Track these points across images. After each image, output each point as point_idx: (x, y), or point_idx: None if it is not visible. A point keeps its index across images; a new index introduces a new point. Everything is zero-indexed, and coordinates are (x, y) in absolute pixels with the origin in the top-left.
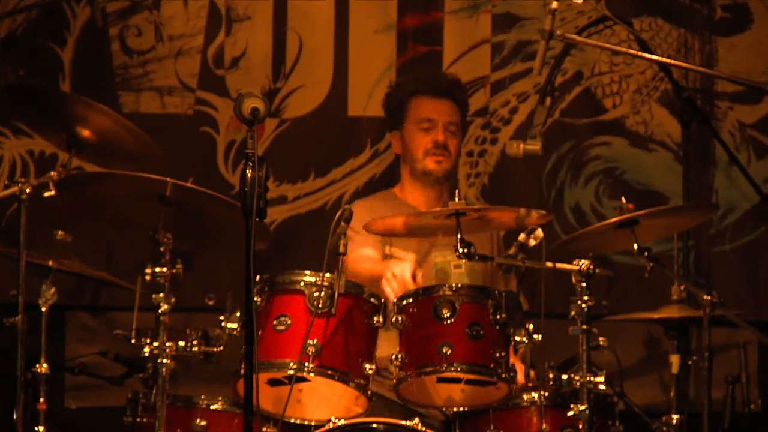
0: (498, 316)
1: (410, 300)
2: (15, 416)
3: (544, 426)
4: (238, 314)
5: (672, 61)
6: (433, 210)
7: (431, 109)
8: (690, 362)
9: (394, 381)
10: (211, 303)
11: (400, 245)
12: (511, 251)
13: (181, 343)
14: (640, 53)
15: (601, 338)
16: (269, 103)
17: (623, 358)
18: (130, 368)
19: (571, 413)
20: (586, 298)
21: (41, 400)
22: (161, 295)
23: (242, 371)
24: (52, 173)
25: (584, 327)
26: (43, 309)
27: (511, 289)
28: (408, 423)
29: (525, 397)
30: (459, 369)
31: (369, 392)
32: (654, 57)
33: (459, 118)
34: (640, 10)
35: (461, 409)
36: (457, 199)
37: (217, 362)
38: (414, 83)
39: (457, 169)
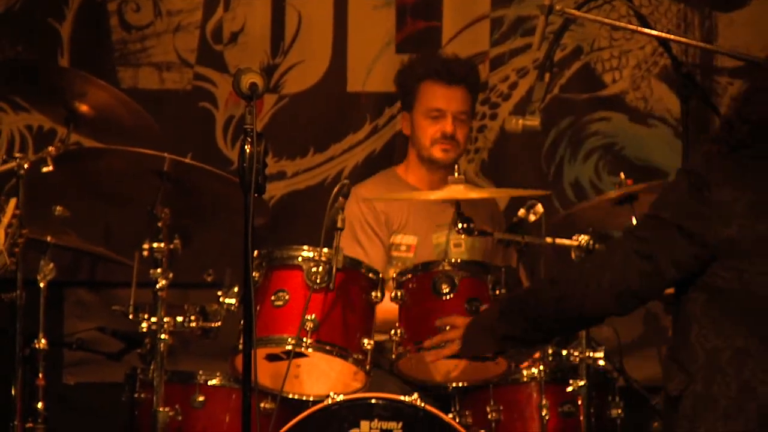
0: (497, 292)
1: (409, 275)
2: (13, 392)
3: (543, 401)
4: (236, 289)
5: (671, 36)
6: (431, 193)
7: (442, 97)
8: None
9: (393, 356)
10: (209, 279)
11: (402, 230)
12: (514, 220)
13: (179, 319)
14: (639, 28)
15: None
16: (268, 78)
17: (623, 333)
18: (129, 344)
19: (570, 389)
20: None
21: (40, 375)
22: (159, 270)
23: (240, 347)
24: (51, 148)
25: None
26: (42, 284)
27: (511, 265)
28: (407, 398)
29: (524, 372)
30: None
31: (367, 367)
32: (653, 32)
33: (470, 106)
34: None
35: (460, 384)
36: (456, 175)
37: (215, 338)
38: (426, 67)
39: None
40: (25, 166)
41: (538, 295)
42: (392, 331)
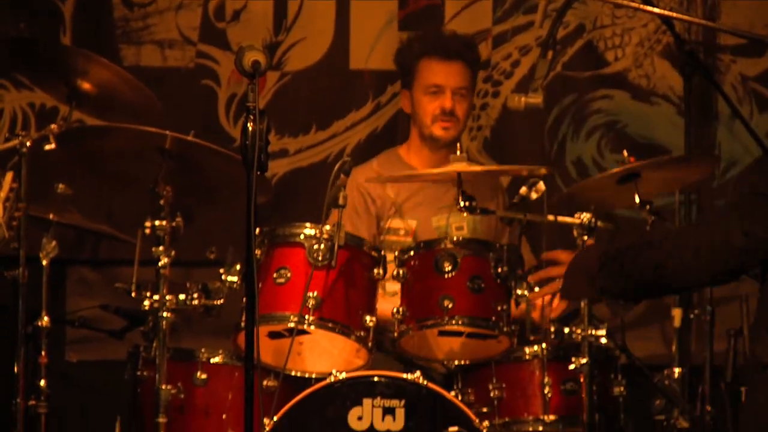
0: (499, 270)
1: (412, 253)
2: (16, 369)
3: (545, 379)
4: (238, 267)
5: (674, 14)
6: (433, 171)
7: (440, 73)
8: (692, 316)
9: (395, 335)
10: (211, 256)
11: (399, 215)
12: (515, 200)
13: (182, 297)
14: (642, 6)
15: None
16: (270, 56)
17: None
18: (131, 322)
19: (572, 366)
20: None
21: (42, 353)
22: (161, 248)
23: (243, 324)
24: (53, 126)
25: None
26: (44, 262)
27: (513, 243)
28: (409, 376)
29: (527, 350)
30: (460, 322)
31: (370, 344)
32: (656, 10)
33: (469, 81)
34: None
35: (462, 362)
36: (458, 153)
37: (217, 315)
38: (424, 44)
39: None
40: (28, 144)
41: (637, 258)
42: (394, 309)
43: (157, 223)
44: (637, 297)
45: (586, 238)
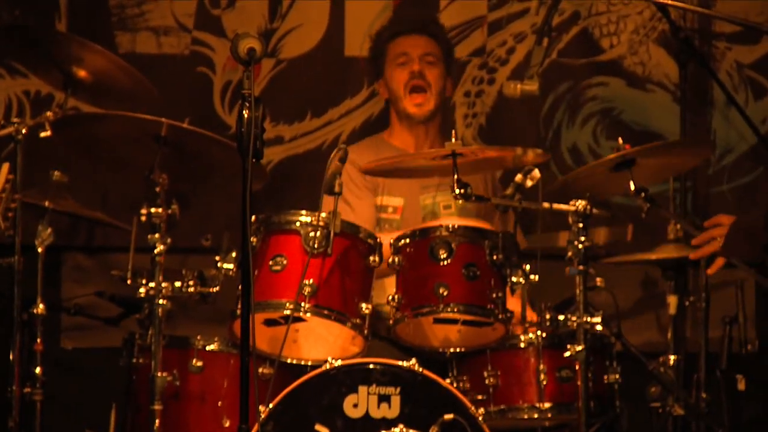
0: (495, 257)
1: (407, 240)
2: (11, 357)
3: (541, 366)
4: (234, 254)
5: (669, 1)
6: (429, 151)
7: (406, 44)
8: (687, 303)
9: (390, 322)
10: (207, 244)
11: (387, 192)
12: (508, 191)
13: (177, 284)
14: None
15: (598, 279)
16: (266, 43)
17: (620, 299)
18: (127, 309)
19: (568, 354)
20: (582, 239)
21: (38, 340)
22: (157, 235)
23: (238, 311)
24: (48, 113)
25: (581, 268)
26: (40, 249)
27: (508, 230)
28: (405, 363)
29: (522, 337)
30: (455, 310)
31: (365, 332)
32: None
33: (438, 51)
34: None
35: (458, 349)
36: (453, 140)
37: (213, 303)
38: (389, 28)
39: (453, 108)
40: (23, 131)
41: None
42: (389, 297)
43: (152, 210)
44: None
45: (581, 225)
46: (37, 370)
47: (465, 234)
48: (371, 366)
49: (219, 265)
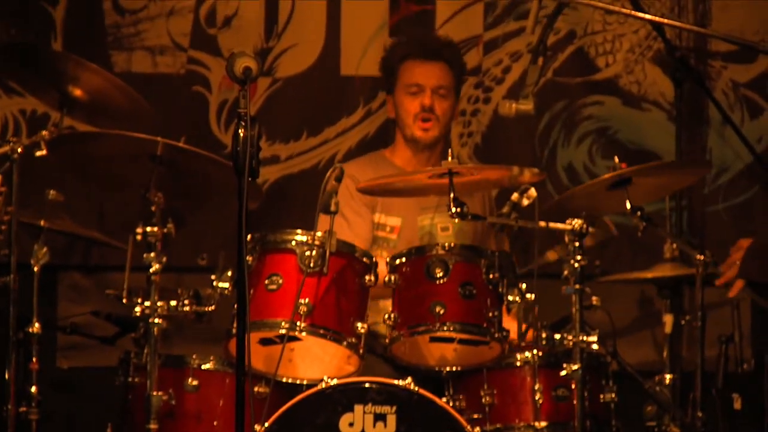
0: (491, 276)
1: (403, 259)
2: (7, 376)
3: (537, 385)
4: (229, 273)
5: (665, 20)
6: (426, 169)
7: (420, 73)
8: (683, 322)
9: (386, 341)
10: (202, 262)
11: (385, 211)
12: (504, 210)
13: (173, 303)
14: (633, 12)
15: (594, 298)
16: (261, 62)
17: (616, 317)
18: (122, 328)
19: (564, 373)
20: (579, 257)
21: (33, 359)
22: (152, 254)
23: (234, 331)
24: (44, 132)
25: (577, 287)
26: (35, 269)
27: (504, 249)
28: (401, 382)
29: (518, 356)
30: (452, 329)
31: (361, 351)
32: (647, 16)
33: (450, 81)
34: None
35: (454, 368)
36: (450, 159)
37: (208, 322)
38: (404, 47)
39: (450, 129)
40: (19, 150)
41: None
42: (386, 316)
43: (148, 229)
44: None
45: (577, 244)
46: (33, 389)
47: (461, 253)
48: (367, 385)
49: (215, 284)
